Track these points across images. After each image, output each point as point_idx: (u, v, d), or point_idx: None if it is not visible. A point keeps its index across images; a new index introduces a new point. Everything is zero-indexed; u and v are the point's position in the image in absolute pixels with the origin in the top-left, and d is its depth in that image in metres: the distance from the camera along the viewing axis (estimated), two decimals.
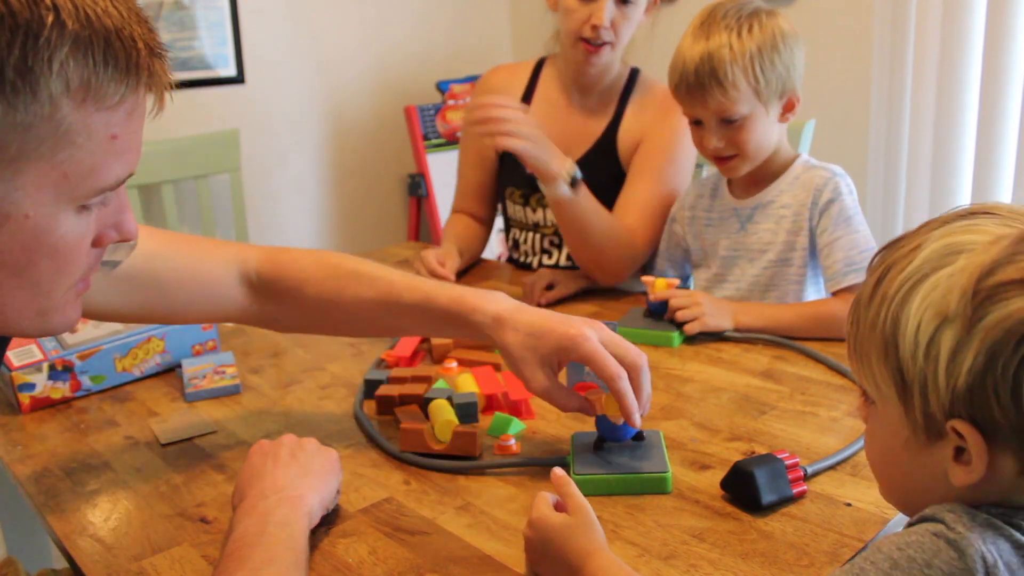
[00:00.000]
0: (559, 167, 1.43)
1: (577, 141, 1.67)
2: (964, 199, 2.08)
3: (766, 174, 1.39)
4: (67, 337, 1.22)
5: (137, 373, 1.26)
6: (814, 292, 1.40)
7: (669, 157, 1.60)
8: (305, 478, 0.85)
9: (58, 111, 0.59)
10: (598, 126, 1.67)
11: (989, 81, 1.98)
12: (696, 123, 1.36)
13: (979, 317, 0.55)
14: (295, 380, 1.25)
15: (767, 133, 1.34)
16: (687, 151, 1.59)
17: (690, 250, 1.53)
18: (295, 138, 2.72)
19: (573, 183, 1.45)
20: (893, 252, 0.62)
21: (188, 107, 2.44)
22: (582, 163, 1.57)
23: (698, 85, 1.29)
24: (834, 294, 1.32)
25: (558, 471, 0.82)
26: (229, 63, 2.51)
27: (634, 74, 1.69)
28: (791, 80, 1.32)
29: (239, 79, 2.54)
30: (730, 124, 1.31)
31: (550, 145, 1.43)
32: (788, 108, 1.35)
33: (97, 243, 0.69)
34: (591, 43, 1.56)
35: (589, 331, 0.90)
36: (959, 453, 0.58)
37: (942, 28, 2.03)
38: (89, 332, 1.23)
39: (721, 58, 1.27)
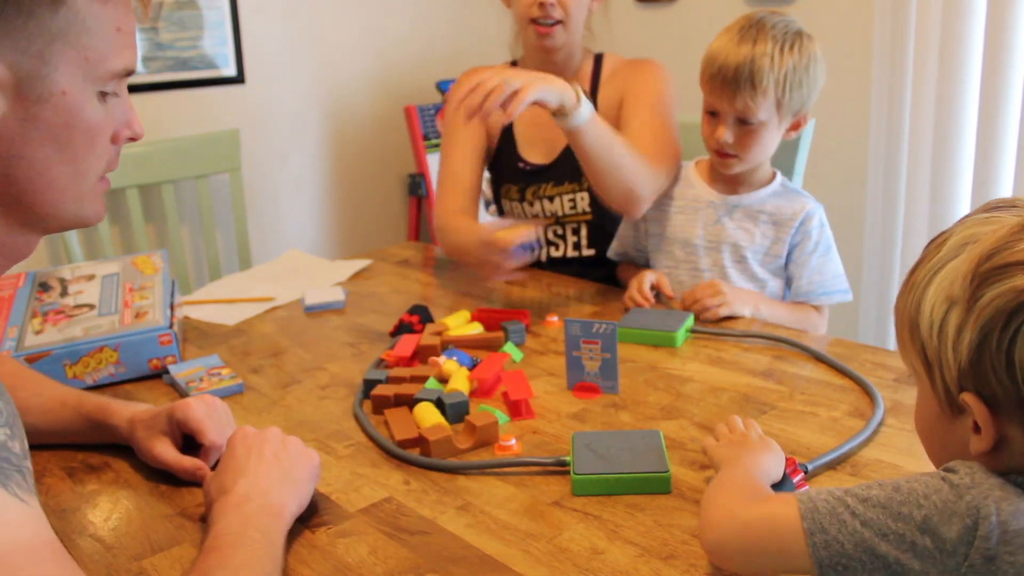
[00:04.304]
0: (571, 92, 1.36)
1: (561, 132, 1.67)
2: (964, 199, 2.08)
3: (748, 178, 1.48)
4: (29, 338, 1.23)
5: (90, 381, 1.23)
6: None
7: (658, 91, 1.60)
8: (286, 485, 0.86)
9: (76, 2, 0.69)
10: None
11: (989, 81, 1.97)
12: (712, 113, 1.42)
13: (976, 298, 0.60)
14: (295, 380, 1.25)
15: (771, 143, 1.43)
16: (674, 96, 1.61)
17: (648, 234, 1.58)
18: (295, 138, 2.72)
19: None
20: (929, 246, 0.68)
21: (188, 107, 2.44)
22: (571, 150, 1.57)
23: (734, 82, 1.36)
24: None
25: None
26: (229, 63, 2.50)
27: (599, 59, 1.72)
28: (808, 102, 1.42)
29: (239, 79, 2.53)
30: (745, 125, 1.39)
31: (549, 77, 1.36)
32: (795, 126, 1.44)
33: (115, 139, 0.77)
34: (541, 23, 1.59)
35: (195, 403, 1.00)
36: (976, 425, 0.62)
37: (942, 28, 2.03)
38: (48, 336, 1.24)
39: (761, 66, 1.35)
